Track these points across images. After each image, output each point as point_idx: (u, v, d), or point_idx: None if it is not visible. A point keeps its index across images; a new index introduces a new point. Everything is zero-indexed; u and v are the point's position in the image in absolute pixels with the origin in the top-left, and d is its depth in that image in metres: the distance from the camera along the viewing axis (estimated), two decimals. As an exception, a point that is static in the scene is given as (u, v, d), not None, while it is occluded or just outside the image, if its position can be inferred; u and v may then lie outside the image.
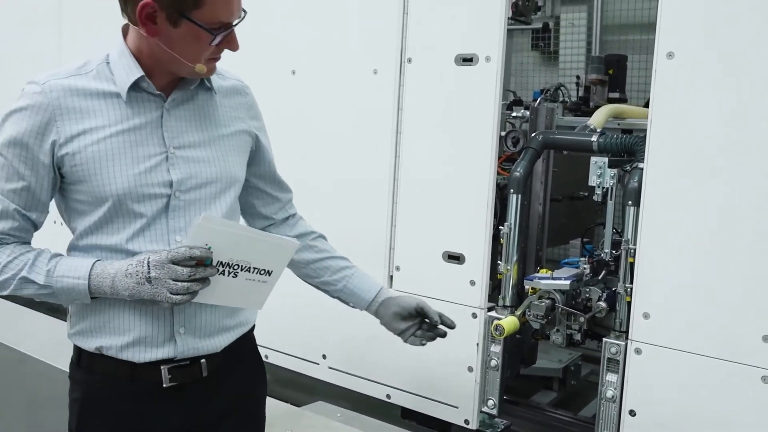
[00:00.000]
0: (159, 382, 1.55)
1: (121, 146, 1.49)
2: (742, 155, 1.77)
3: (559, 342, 2.20)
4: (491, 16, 2.17)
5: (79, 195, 1.50)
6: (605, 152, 2.17)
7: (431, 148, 2.34)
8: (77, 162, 1.46)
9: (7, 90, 3.80)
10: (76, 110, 1.47)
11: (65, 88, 1.47)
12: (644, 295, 1.94)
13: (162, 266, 1.41)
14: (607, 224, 2.21)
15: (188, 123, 1.57)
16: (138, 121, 1.51)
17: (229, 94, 1.67)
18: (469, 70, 2.22)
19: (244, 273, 1.50)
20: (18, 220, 1.48)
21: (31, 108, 1.45)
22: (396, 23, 2.37)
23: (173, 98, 1.54)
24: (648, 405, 1.95)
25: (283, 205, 1.85)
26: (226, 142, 1.62)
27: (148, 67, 1.50)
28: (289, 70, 2.60)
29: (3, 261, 1.47)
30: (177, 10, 1.42)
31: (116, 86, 1.50)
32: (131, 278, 1.44)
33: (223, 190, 1.61)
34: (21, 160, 1.46)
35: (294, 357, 2.67)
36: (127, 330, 1.53)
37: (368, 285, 1.86)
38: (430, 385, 2.38)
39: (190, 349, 1.57)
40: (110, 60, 1.52)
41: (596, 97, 3.68)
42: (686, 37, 1.84)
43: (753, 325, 1.77)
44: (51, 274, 1.47)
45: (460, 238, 2.28)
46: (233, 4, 1.45)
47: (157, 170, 1.51)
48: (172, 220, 1.54)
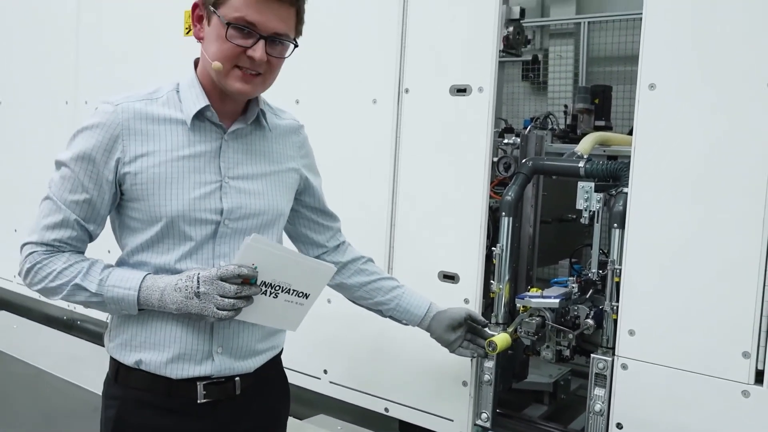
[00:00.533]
0: (194, 398, 1.54)
1: (181, 171, 1.49)
2: (721, 181, 1.77)
3: (549, 358, 2.19)
4: (484, 49, 2.18)
5: (134, 212, 1.50)
6: (592, 177, 2.18)
7: (428, 173, 2.34)
8: (138, 181, 1.47)
9: (25, 111, 3.84)
10: (142, 132, 1.48)
11: (135, 111, 1.48)
12: (630, 313, 1.94)
13: (211, 282, 1.41)
14: (594, 245, 2.20)
15: (244, 156, 1.58)
16: (199, 149, 1.52)
17: (285, 133, 1.69)
18: (463, 100, 2.23)
19: (284, 294, 1.51)
20: (76, 230, 1.49)
21: (101, 125, 1.46)
22: (394, 56, 2.39)
23: (233, 130, 1.56)
24: (634, 418, 1.94)
25: (333, 233, 1.88)
26: (276, 178, 1.64)
27: (212, 97, 1.52)
28: (293, 99, 2.61)
29: (59, 267, 1.47)
30: (208, 3, 1.45)
31: (182, 113, 1.51)
32: (180, 292, 1.43)
33: (268, 222, 1.62)
34: (87, 173, 1.46)
35: (297, 372, 2.65)
36: (167, 345, 1.52)
37: (419, 302, 1.90)
38: (426, 398, 2.37)
39: (226, 368, 1.57)
40: (180, 89, 1.54)
41: (583, 125, 3.70)
42: (667, 69, 1.85)
43: (733, 342, 1.77)
44: (103, 283, 1.47)
45: (455, 258, 2.28)
46: (260, 5, 1.42)
47: (211, 197, 1.52)
48: (218, 245, 1.54)
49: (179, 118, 1.51)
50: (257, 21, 1.43)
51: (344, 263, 1.88)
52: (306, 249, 1.87)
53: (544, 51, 5.80)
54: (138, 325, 1.53)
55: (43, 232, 1.48)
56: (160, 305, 1.46)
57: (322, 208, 1.85)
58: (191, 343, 1.53)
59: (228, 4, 1.43)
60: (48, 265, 1.47)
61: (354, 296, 1.91)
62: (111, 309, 1.51)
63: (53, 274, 1.47)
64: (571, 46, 5.61)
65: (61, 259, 1.48)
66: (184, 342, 1.52)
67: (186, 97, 1.52)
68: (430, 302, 1.91)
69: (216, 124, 1.53)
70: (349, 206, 2.50)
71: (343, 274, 1.88)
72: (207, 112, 1.51)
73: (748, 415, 1.75)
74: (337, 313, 2.31)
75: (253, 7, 1.42)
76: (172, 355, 1.52)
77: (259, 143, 1.62)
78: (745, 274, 1.74)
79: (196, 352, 1.53)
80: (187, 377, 1.53)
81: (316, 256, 1.86)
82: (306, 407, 2.69)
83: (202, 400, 1.54)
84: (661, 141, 1.87)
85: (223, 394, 1.57)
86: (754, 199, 1.72)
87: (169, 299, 1.44)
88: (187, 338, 1.52)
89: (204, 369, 1.54)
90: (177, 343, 1.52)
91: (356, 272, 1.88)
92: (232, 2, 1.42)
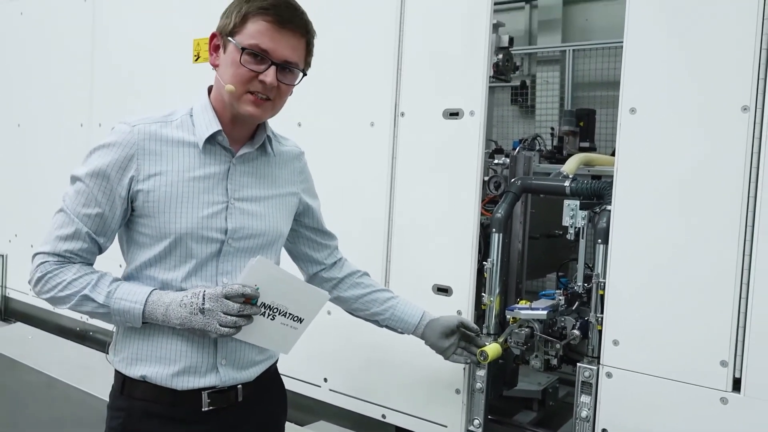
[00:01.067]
0: (199, 406, 1.53)
1: (191, 190, 1.50)
2: (698, 199, 1.78)
3: (538, 366, 2.19)
4: (475, 75, 2.20)
5: (144, 228, 1.50)
6: (577, 196, 2.18)
7: (422, 192, 2.35)
8: (150, 199, 1.47)
9: (42, 133, 3.85)
10: (155, 153, 1.48)
11: (150, 132, 1.49)
12: (613, 324, 1.94)
13: (216, 299, 1.41)
14: (579, 260, 2.21)
15: (249, 179, 1.59)
16: (208, 171, 1.52)
17: (287, 159, 1.70)
18: (455, 123, 2.25)
19: (281, 317, 1.50)
20: (87, 242, 1.49)
21: (117, 144, 1.46)
22: (390, 82, 2.40)
23: (240, 155, 1.56)
24: (619, 424, 1.93)
25: (331, 251, 1.89)
26: (277, 201, 1.65)
27: (224, 122, 1.53)
28: (296, 122, 2.62)
29: (69, 278, 1.47)
30: (224, 33, 1.48)
31: (195, 137, 1.52)
32: (185, 308, 1.43)
33: (268, 242, 1.62)
34: (101, 189, 1.46)
35: (298, 380, 2.64)
36: (173, 360, 1.51)
37: (413, 311, 1.90)
38: (421, 405, 2.36)
39: (229, 378, 1.56)
40: (193, 113, 1.55)
41: (569, 147, 3.72)
42: (647, 94, 1.86)
43: (711, 351, 1.77)
44: (111, 295, 1.46)
45: (448, 272, 2.28)
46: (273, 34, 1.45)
47: (217, 217, 1.52)
48: (222, 263, 1.54)
49: (192, 141, 1.52)
50: (270, 48, 1.45)
51: (341, 278, 1.88)
52: (306, 266, 1.87)
53: (532, 77, 5.83)
54: (143, 339, 1.52)
55: (56, 242, 1.48)
56: (164, 320, 1.45)
57: (320, 228, 1.85)
58: (196, 357, 1.52)
59: (244, 32, 1.45)
60: (58, 275, 1.47)
61: (351, 308, 1.91)
62: (116, 320, 1.50)
63: (63, 283, 1.46)
64: (557, 72, 5.64)
65: (71, 269, 1.48)
66: (189, 356, 1.51)
67: (199, 121, 1.53)
68: (424, 311, 1.91)
69: (226, 148, 1.54)
70: (348, 222, 2.51)
71: (341, 288, 1.88)
72: (218, 137, 1.52)
73: (726, 421, 1.75)
74: (336, 325, 2.30)
75: (267, 35, 1.45)
76: (178, 369, 1.51)
77: (263, 168, 1.63)
78: (723, 287, 1.75)
79: (200, 365, 1.53)
80: (193, 388, 1.52)
81: (315, 273, 1.87)
82: (307, 414, 2.68)
83: (207, 408, 1.53)
84: (641, 162, 1.88)
85: (226, 402, 1.56)
86: (729, 216, 1.73)
87: (173, 314, 1.44)
88: (191, 352, 1.51)
89: (209, 380, 1.54)
90: (182, 358, 1.51)
91: (353, 286, 1.89)
92: (248, 30, 1.45)
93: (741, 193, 1.72)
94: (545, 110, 5.63)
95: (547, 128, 5.03)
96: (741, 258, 1.72)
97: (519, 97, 5.81)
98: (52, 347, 3.45)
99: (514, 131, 5.75)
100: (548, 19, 5.88)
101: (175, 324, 1.44)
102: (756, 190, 1.70)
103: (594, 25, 5.68)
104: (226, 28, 1.48)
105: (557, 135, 4.16)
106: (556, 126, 4.61)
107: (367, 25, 2.46)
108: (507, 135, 5.67)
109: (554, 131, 4.55)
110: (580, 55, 5.53)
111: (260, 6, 1.45)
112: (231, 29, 1.46)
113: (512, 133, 5.72)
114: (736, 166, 1.72)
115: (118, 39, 3.47)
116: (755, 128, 1.70)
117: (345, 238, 2.49)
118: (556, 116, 5.42)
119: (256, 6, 1.45)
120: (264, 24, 1.44)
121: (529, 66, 5.92)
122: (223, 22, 1.50)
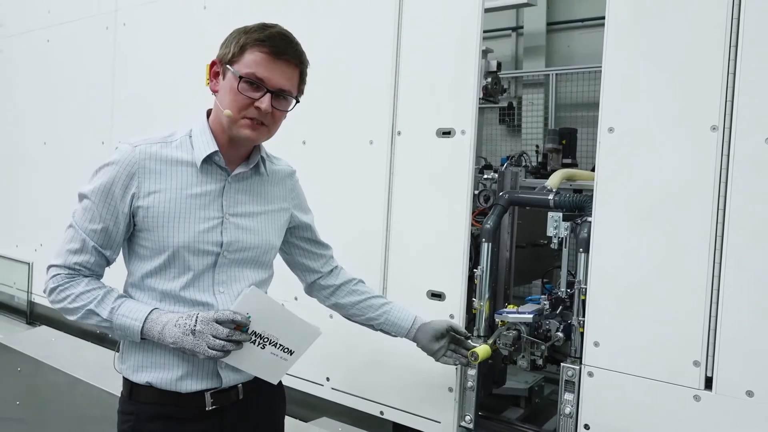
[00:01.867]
0: (202, 406, 1.52)
1: (188, 207, 1.49)
2: (672, 210, 1.78)
3: (525, 366, 2.18)
4: (466, 96, 2.20)
5: (144, 242, 1.50)
6: (560, 208, 2.18)
7: (417, 205, 2.35)
8: (149, 215, 1.47)
9: (66, 150, 3.85)
10: (156, 172, 1.48)
11: (151, 153, 1.49)
12: (594, 327, 1.93)
13: (207, 323, 1.41)
14: (562, 267, 2.20)
15: (243, 196, 1.58)
16: (205, 188, 1.52)
17: (280, 177, 1.70)
18: (448, 141, 2.25)
19: (271, 347, 1.49)
20: (94, 255, 1.49)
21: (120, 162, 1.47)
22: (388, 103, 2.41)
23: (235, 174, 1.56)
24: (600, 420, 1.92)
25: (327, 260, 1.88)
26: (269, 217, 1.64)
27: (221, 143, 1.53)
28: (300, 140, 2.63)
29: (77, 291, 1.47)
30: (225, 62, 1.48)
31: (193, 156, 1.52)
32: (179, 328, 1.42)
33: (260, 254, 1.62)
34: (105, 205, 1.46)
35: (302, 379, 2.63)
36: (176, 366, 1.50)
37: (405, 315, 1.89)
38: (417, 403, 2.35)
39: (230, 379, 1.55)
40: (192, 134, 1.55)
41: (552, 163, 3.73)
42: (624, 115, 1.87)
43: (685, 352, 1.77)
44: (114, 311, 1.46)
45: (442, 279, 2.28)
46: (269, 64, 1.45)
47: (213, 231, 1.52)
48: (217, 274, 1.54)
49: (189, 160, 1.52)
50: (265, 77, 1.45)
51: (338, 285, 1.88)
52: (304, 275, 1.87)
53: (518, 98, 5.86)
54: (145, 348, 1.52)
55: (67, 256, 1.49)
56: (159, 338, 1.44)
57: (315, 239, 1.85)
58: (196, 363, 1.51)
59: (242, 61, 1.45)
60: (69, 287, 1.47)
61: (348, 314, 1.90)
62: (117, 335, 1.50)
63: (72, 296, 1.47)
64: (542, 94, 5.68)
65: (81, 283, 1.48)
66: (191, 362, 1.50)
67: (198, 143, 1.53)
68: (416, 316, 1.90)
69: (222, 167, 1.54)
70: (349, 233, 2.51)
71: (338, 295, 1.88)
72: (215, 157, 1.52)
73: (699, 417, 1.74)
74: (338, 329, 2.29)
75: (263, 65, 1.45)
76: (181, 374, 1.50)
77: (257, 186, 1.62)
78: (695, 293, 1.75)
79: (201, 370, 1.52)
80: (196, 390, 1.52)
81: (313, 281, 1.87)
82: (310, 411, 2.67)
83: (210, 407, 1.53)
84: (619, 177, 1.88)
85: (228, 401, 1.56)
86: (701, 227, 1.74)
87: (168, 333, 1.43)
88: (189, 359, 1.50)
89: (211, 383, 1.53)
90: (184, 363, 1.50)
91: (349, 293, 1.88)
92: (246, 60, 1.45)
93: (711, 206, 1.72)
94: (530, 129, 5.65)
95: (532, 146, 5.05)
96: (712, 266, 1.73)
97: (506, 117, 5.84)
98: (74, 349, 3.43)
99: (502, 149, 5.78)
100: (533, 46, 5.92)
101: (168, 342, 1.43)
102: (725, 204, 1.70)
103: (575, 51, 5.72)
104: (225, 56, 1.48)
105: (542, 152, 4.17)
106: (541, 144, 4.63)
107: (367, 51, 2.47)
108: (495, 152, 5.69)
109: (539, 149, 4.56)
110: (563, 79, 5.56)
111: (257, 38, 1.45)
112: (230, 58, 1.47)
113: (500, 150, 5.75)
114: (706, 181, 1.73)
115: (136, 63, 3.48)
116: (723, 146, 1.71)
117: (346, 248, 2.50)
118: (541, 135, 5.45)
119: (254, 38, 1.46)
120: (260, 55, 1.45)
121: (515, 88, 5.95)
122: (223, 51, 1.50)
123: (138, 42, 3.48)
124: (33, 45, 4.19)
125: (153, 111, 3.35)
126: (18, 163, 4.30)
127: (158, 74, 3.34)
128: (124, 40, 3.56)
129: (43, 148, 4.09)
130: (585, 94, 5.35)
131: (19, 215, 4.27)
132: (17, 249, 4.27)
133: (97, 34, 3.69)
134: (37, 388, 3.20)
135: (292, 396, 1.87)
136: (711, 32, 1.72)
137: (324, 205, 2.62)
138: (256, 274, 1.61)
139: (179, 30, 3.22)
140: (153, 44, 3.38)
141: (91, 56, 3.75)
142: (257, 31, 1.47)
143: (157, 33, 3.35)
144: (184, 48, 3.18)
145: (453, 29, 2.24)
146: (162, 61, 3.32)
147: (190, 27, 3.14)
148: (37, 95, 4.17)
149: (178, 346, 1.43)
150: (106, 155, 1.54)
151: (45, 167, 4.08)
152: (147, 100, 3.40)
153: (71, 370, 3.06)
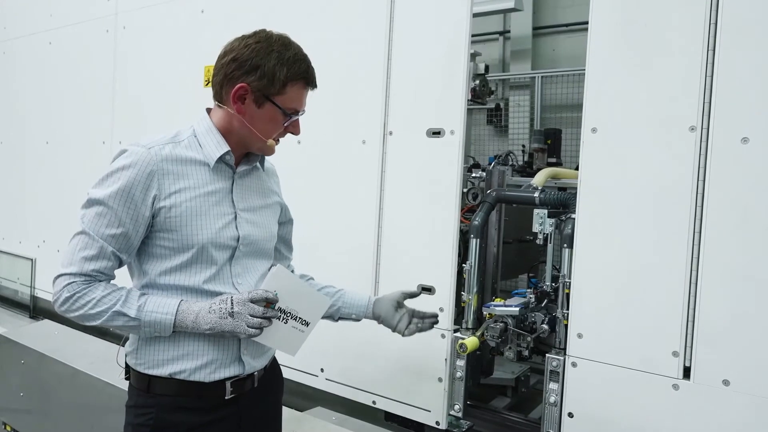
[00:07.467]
0: (222, 395, 1.52)
1: (206, 204, 1.49)
2: (652, 207, 1.79)
3: (511, 357, 2.19)
4: (455, 98, 2.20)
5: (165, 242, 1.47)
6: (545, 205, 2.19)
7: (408, 202, 2.35)
8: (173, 214, 1.45)
9: (69, 150, 3.83)
10: (172, 172, 1.46)
11: (165, 154, 1.46)
12: (578, 319, 1.94)
13: (243, 303, 1.41)
14: (547, 262, 2.21)
15: (248, 192, 1.61)
16: (218, 186, 1.52)
17: (270, 173, 1.74)
18: (437, 141, 2.25)
19: (292, 321, 1.50)
20: (112, 260, 1.45)
21: (137, 165, 1.42)
22: (380, 104, 2.40)
23: (240, 171, 1.57)
24: (583, 408, 1.93)
25: (288, 262, 1.90)
26: (269, 210, 1.68)
27: (230, 144, 1.53)
28: (296, 140, 2.62)
29: (98, 296, 1.42)
30: (264, 94, 1.47)
31: (203, 155, 1.51)
32: (215, 314, 1.41)
33: (267, 245, 1.66)
34: (125, 209, 1.41)
35: (297, 370, 2.63)
36: (199, 355, 1.49)
37: (360, 296, 1.89)
38: (407, 393, 2.35)
39: (250, 367, 1.57)
40: (197, 134, 1.53)
41: (538, 162, 3.74)
42: (606, 116, 1.88)
43: (664, 343, 1.78)
44: (141, 309, 1.43)
45: (432, 273, 2.28)
46: (304, 97, 1.53)
47: (230, 227, 1.52)
48: (234, 266, 1.54)
49: (200, 160, 1.51)
50: (302, 107, 1.54)
51: None
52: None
53: (505, 100, 5.87)
54: (167, 341, 1.49)
55: (81, 263, 1.42)
56: (194, 327, 1.43)
57: (288, 240, 1.87)
58: (219, 351, 1.51)
59: (285, 95, 1.49)
60: (88, 293, 1.41)
61: None
62: (145, 332, 1.45)
63: (93, 301, 1.41)
64: (528, 96, 5.69)
65: (99, 288, 1.43)
66: (214, 350, 1.50)
67: (206, 143, 1.52)
68: (370, 294, 1.91)
69: (230, 165, 1.55)
70: (342, 230, 2.51)
71: None
72: (227, 156, 1.53)
73: (677, 405, 1.76)
74: (331, 323, 2.29)
75: (302, 99, 1.53)
76: (204, 362, 1.50)
77: (256, 181, 1.65)
78: (674, 287, 1.76)
79: (225, 358, 1.52)
80: (219, 379, 1.51)
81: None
82: (305, 400, 2.67)
83: (229, 396, 1.53)
84: (602, 175, 1.89)
85: (245, 389, 1.57)
86: (679, 223, 1.74)
87: (203, 321, 1.42)
88: (215, 347, 1.50)
89: (233, 371, 1.54)
90: (207, 352, 1.50)
91: None
92: (289, 95, 1.49)
93: (689, 202, 1.73)
94: (517, 130, 5.66)
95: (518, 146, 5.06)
96: (690, 261, 1.73)
97: (494, 118, 5.85)
98: (76, 342, 3.42)
99: (490, 148, 5.78)
100: (519, 49, 5.92)
101: (204, 330, 1.42)
102: (702, 201, 1.71)
103: (560, 54, 5.73)
104: (265, 89, 1.47)
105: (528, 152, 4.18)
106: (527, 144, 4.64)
107: (360, 53, 2.46)
108: (483, 151, 5.70)
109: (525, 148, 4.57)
110: (548, 81, 5.57)
111: (298, 72, 1.49)
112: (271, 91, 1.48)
113: (488, 149, 5.75)
114: (685, 179, 1.73)
115: (136, 65, 3.46)
116: (701, 146, 1.71)
117: (340, 243, 2.49)
118: (527, 135, 5.45)
119: (295, 72, 1.48)
120: (300, 90, 1.51)
121: (502, 90, 5.96)
122: (260, 82, 1.46)
123: (137, 44, 3.46)
124: (36, 47, 4.16)
125: (152, 111, 3.33)
126: (21, 162, 4.26)
127: (157, 76, 3.32)
128: (124, 43, 3.53)
129: (46, 148, 4.06)
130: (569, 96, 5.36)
131: (23, 213, 4.24)
132: (21, 245, 4.24)
133: (98, 37, 3.67)
134: (41, 380, 3.19)
135: (287, 386, 1.87)
136: (689, 37, 1.73)
137: (319, 201, 2.62)
138: (263, 263, 1.65)
139: (177, 33, 3.20)
140: (152, 47, 3.35)
141: (92, 58, 3.72)
142: (295, 63, 1.48)
143: (156, 36, 3.33)
144: (182, 50, 3.16)
145: (443, 33, 2.23)
146: (161, 63, 3.29)
147: (188, 30, 3.12)
148: (40, 96, 4.14)
149: (216, 331, 1.42)
150: (107, 155, 1.53)
151: (48, 166, 4.05)
152: (146, 101, 3.38)
153: (73, 362, 3.05)
